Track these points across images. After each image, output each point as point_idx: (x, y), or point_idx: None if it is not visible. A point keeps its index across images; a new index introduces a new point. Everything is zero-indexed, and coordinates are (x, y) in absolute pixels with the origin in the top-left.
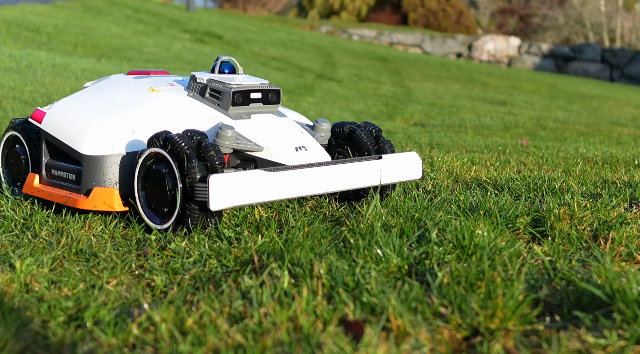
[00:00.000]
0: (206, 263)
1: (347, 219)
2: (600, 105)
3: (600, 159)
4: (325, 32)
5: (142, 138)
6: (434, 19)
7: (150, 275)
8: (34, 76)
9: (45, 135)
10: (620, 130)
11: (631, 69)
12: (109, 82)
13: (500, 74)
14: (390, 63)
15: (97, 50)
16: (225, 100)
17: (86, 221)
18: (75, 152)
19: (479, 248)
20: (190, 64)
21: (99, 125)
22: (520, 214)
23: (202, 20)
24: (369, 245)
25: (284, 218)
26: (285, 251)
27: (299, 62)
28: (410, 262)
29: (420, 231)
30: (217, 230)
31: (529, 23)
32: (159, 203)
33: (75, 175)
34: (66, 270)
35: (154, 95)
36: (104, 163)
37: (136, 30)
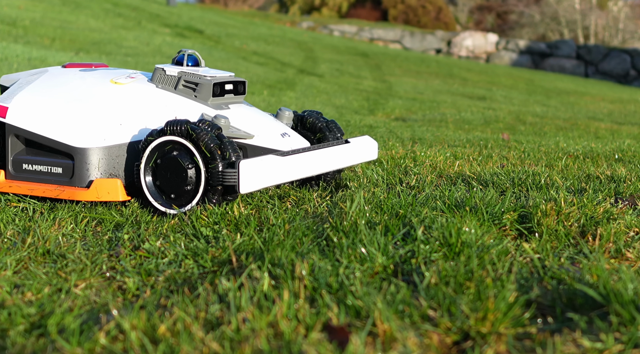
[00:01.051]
0: (182, 264)
1: (329, 216)
2: (577, 100)
3: (581, 153)
4: (307, 27)
5: (129, 129)
6: (413, 15)
7: (122, 277)
8: (8, 70)
9: (13, 129)
10: (598, 125)
11: (605, 65)
12: (55, 74)
13: (479, 70)
14: (371, 59)
15: (76, 44)
16: (204, 92)
17: (55, 219)
18: (64, 145)
19: (466, 246)
20: (169, 58)
21: (85, 118)
22: (507, 210)
23: (182, 15)
24: (353, 244)
25: (264, 215)
26: (265, 250)
27: (280, 57)
28: (395, 261)
29: (406, 229)
30: (194, 228)
31: (506, 20)
32: (175, 189)
33: (62, 168)
34: (31, 273)
35: (122, 88)
36: (98, 155)
37: (115, 24)
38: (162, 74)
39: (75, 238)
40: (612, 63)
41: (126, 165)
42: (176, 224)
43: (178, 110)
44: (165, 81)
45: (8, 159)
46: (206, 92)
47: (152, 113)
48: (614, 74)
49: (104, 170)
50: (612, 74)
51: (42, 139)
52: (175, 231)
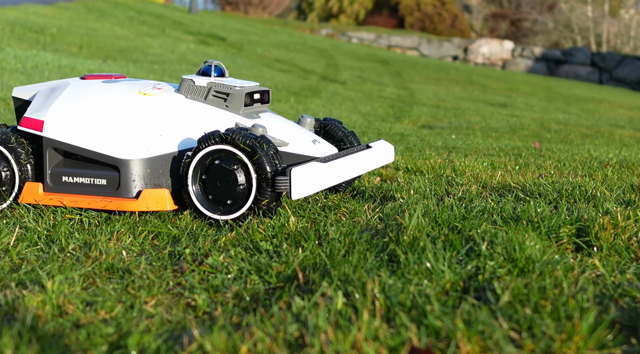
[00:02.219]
0: (247, 280)
1: (387, 229)
2: (596, 107)
3: (615, 162)
4: (325, 34)
5: (169, 140)
6: (429, 23)
7: (190, 293)
8: (40, 78)
9: (51, 142)
10: (621, 132)
11: (619, 72)
12: (79, 86)
13: (497, 77)
14: (391, 66)
15: (103, 52)
16: (236, 102)
17: (113, 233)
18: (109, 157)
19: (530, 261)
20: (195, 66)
21: (127, 130)
22: (564, 223)
23: (204, 22)
24: (419, 260)
25: (321, 228)
26: (331, 266)
27: (303, 64)
28: (463, 277)
29: (470, 245)
30: (252, 242)
31: (520, 27)
32: (224, 196)
33: (106, 180)
34: (100, 289)
35: (152, 99)
36: (144, 166)
37: (140, 32)
38: (191, 85)
39: (135, 252)
40: (626, 70)
41: (170, 175)
42: (233, 237)
43: (213, 120)
44: (195, 92)
45: (46, 172)
46: (238, 102)
47: (188, 123)
48: (627, 81)
49: (149, 180)
50: (626, 81)
51: (83, 152)
52: (234, 245)
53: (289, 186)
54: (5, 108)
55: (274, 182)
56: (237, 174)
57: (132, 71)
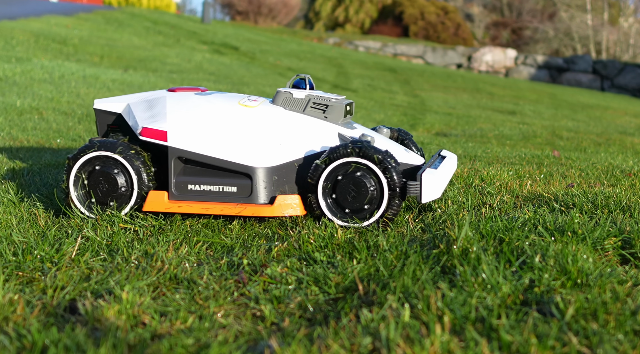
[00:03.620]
0: (307, 290)
1: (437, 241)
2: (602, 114)
3: (637, 171)
4: (333, 43)
5: (289, 149)
6: (433, 31)
7: (256, 304)
8: (68, 87)
9: (177, 152)
10: (631, 140)
11: (621, 80)
12: (180, 98)
13: (503, 84)
14: (399, 74)
15: (123, 61)
16: (336, 113)
17: (169, 243)
18: (241, 165)
19: (583, 274)
20: (212, 75)
21: (252, 139)
22: (608, 235)
23: (217, 32)
24: (474, 272)
25: (370, 239)
26: (390, 278)
27: (314, 72)
28: (520, 290)
29: (524, 257)
30: (305, 252)
31: (521, 35)
32: (354, 204)
33: (237, 187)
34: (169, 299)
35: (254, 111)
36: (273, 173)
37: (157, 41)
38: (289, 97)
39: (194, 262)
40: (627, 78)
41: (295, 182)
42: (285, 248)
43: (319, 131)
44: (293, 104)
45: (171, 181)
46: (338, 113)
47: (299, 133)
48: (629, 88)
49: (276, 187)
50: (627, 88)
51: (214, 160)
52: (288, 255)
53: (419, 190)
54: (40, 118)
55: (404, 188)
56: (369, 183)
57: (153, 80)
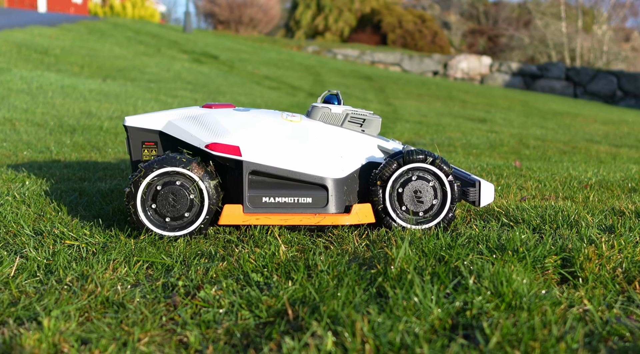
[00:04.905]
0: (238, 314)
1: (375, 261)
2: (572, 121)
3: (594, 183)
4: (312, 51)
5: (348, 161)
6: (411, 39)
7: (183, 329)
8: (44, 98)
9: (252, 166)
10: (597, 148)
11: (593, 86)
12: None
13: (477, 92)
14: (375, 82)
15: (103, 71)
16: (373, 127)
17: (109, 262)
18: (316, 177)
19: (518, 296)
20: (189, 84)
21: (321, 152)
22: (549, 253)
23: (198, 41)
24: (406, 295)
25: (310, 258)
26: (320, 302)
27: (291, 81)
28: (451, 313)
29: (457, 280)
30: (243, 273)
31: (497, 43)
32: (419, 209)
33: (312, 198)
34: (95, 325)
35: (301, 125)
36: (344, 184)
37: (138, 51)
38: (328, 112)
39: (130, 283)
40: (599, 84)
41: (357, 192)
42: (225, 268)
43: (363, 144)
44: (332, 118)
45: (245, 194)
46: (375, 127)
47: (351, 146)
48: (601, 95)
49: (346, 197)
50: (599, 95)
51: (288, 173)
52: (226, 275)
53: (477, 196)
54: (12, 129)
55: (463, 193)
56: (433, 189)
57: (130, 90)
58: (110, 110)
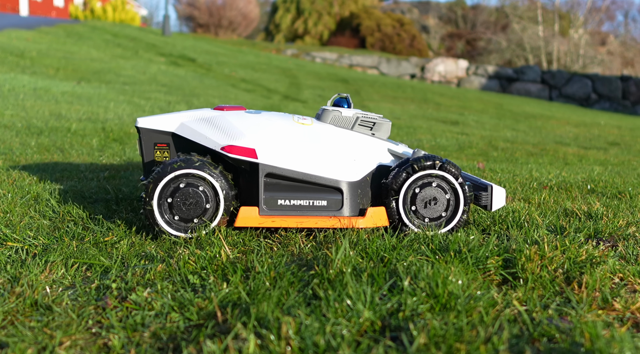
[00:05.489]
0: (168, 317)
1: (315, 261)
2: (544, 124)
3: (554, 184)
4: (291, 54)
5: (361, 164)
6: (389, 43)
7: (108, 333)
8: (15, 100)
9: (268, 168)
10: (565, 150)
11: (568, 89)
12: (239, 116)
13: (452, 95)
14: (351, 85)
15: (78, 74)
16: (383, 130)
17: (47, 263)
18: (332, 180)
19: (453, 297)
20: (164, 86)
21: (335, 155)
22: (491, 254)
23: (176, 44)
24: (339, 297)
25: (250, 261)
26: (251, 303)
27: (267, 83)
28: (383, 315)
29: (393, 280)
30: (181, 275)
31: (475, 46)
32: (432, 213)
33: (327, 201)
34: (17, 329)
35: (312, 128)
36: (358, 187)
37: (115, 54)
38: (338, 115)
39: (65, 285)
40: (574, 87)
41: (370, 195)
42: (164, 270)
43: (373, 147)
44: (342, 121)
45: (261, 197)
46: (385, 130)
47: (362, 149)
48: (576, 98)
49: (360, 200)
50: (574, 98)
51: (304, 176)
52: (164, 278)
53: (489, 200)
54: None
55: (475, 198)
56: (445, 193)
57: (104, 92)
58: (81, 112)
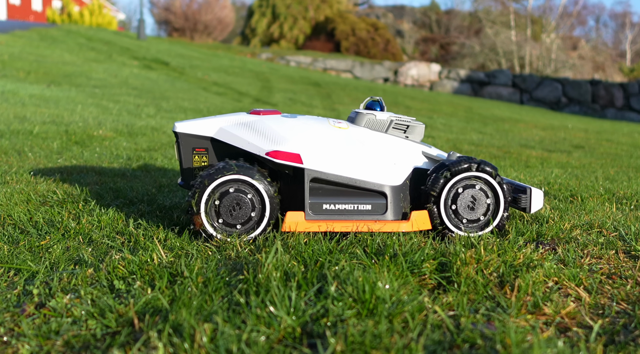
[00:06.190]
0: (86, 324)
1: (246, 267)
2: (512, 127)
3: None
4: (265, 58)
5: (401, 168)
6: (364, 47)
7: (18, 341)
8: None
9: (313, 173)
10: (529, 153)
11: (538, 93)
12: (276, 120)
13: (423, 98)
14: (323, 88)
15: (49, 77)
16: (417, 133)
17: None
18: (377, 185)
19: (380, 302)
20: (135, 89)
21: (377, 159)
22: (427, 258)
23: (151, 48)
24: (262, 303)
25: (180, 265)
26: (170, 311)
27: (239, 87)
28: (305, 321)
29: (320, 285)
30: (108, 280)
31: (449, 50)
32: (472, 214)
33: (371, 205)
34: None
35: (349, 132)
36: (401, 191)
37: (88, 57)
38: (373, 119)
39: None
40: (545, 91)
41: (410, 199)
42: (92, 275)
43: (409, 150)
44: (377, 125)
45: (307, 202)
46: (419, 133)
47: (400, 153)
48: (547, 101)
49: (402, 204)
50: (545, 101)
51: (349, 180)
52: (90, 283)
53: (528, 202)
54: None
55: (514, 200)
56: (484, 194)
57: (73, 95)
58: (46, 115)
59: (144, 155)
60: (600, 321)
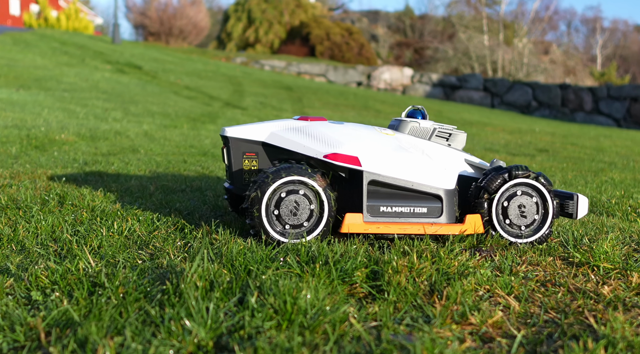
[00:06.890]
0: None
1: (171, 276)
2: (479, 131)
3: None
4: (240, 62)
5: (452, 173)
6: (338, 51)
7: None
8: None
9: (372, 176)
10: (492, 156)
11: (509, 97)
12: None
13: (394, 102)
14: (294, 92)
15: (19, 81)
16: (459, 141)
17: None
18: (434, 188)
19: (301, 312)
20: (105, 93)
21: (431, 164)
22: (359, 266)
23: (124, 52)
24: (177, 315)
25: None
26: (82, 324)
27: (210, 91)
28: (221, 332)
29: (239, 296)
30: (28, 291)
31: (423, 55)
32: (522, 221)
33: (427, 208)
34: None
35: (396, 138)
36: (454, 195)
37: (60, 61)
38: (416, 127)
39: None
40: (515, 95)
41: (460, 203)
42: (11, 285)
43: (454, 157)
44: (421, 132)
45: (364, 204)
46: (460, 141)
47: (449, 159)
48: (517, 105)
49: (456, 207)
50: (515, 105)
51: (406, 183)
52: (8, 293)
53: (575, 209)
54: None
55: (561, 206)
56: (536, 205)
57: (41, 99)
58: (9, 119)
59: (101, 159)
60: (524, 330)
